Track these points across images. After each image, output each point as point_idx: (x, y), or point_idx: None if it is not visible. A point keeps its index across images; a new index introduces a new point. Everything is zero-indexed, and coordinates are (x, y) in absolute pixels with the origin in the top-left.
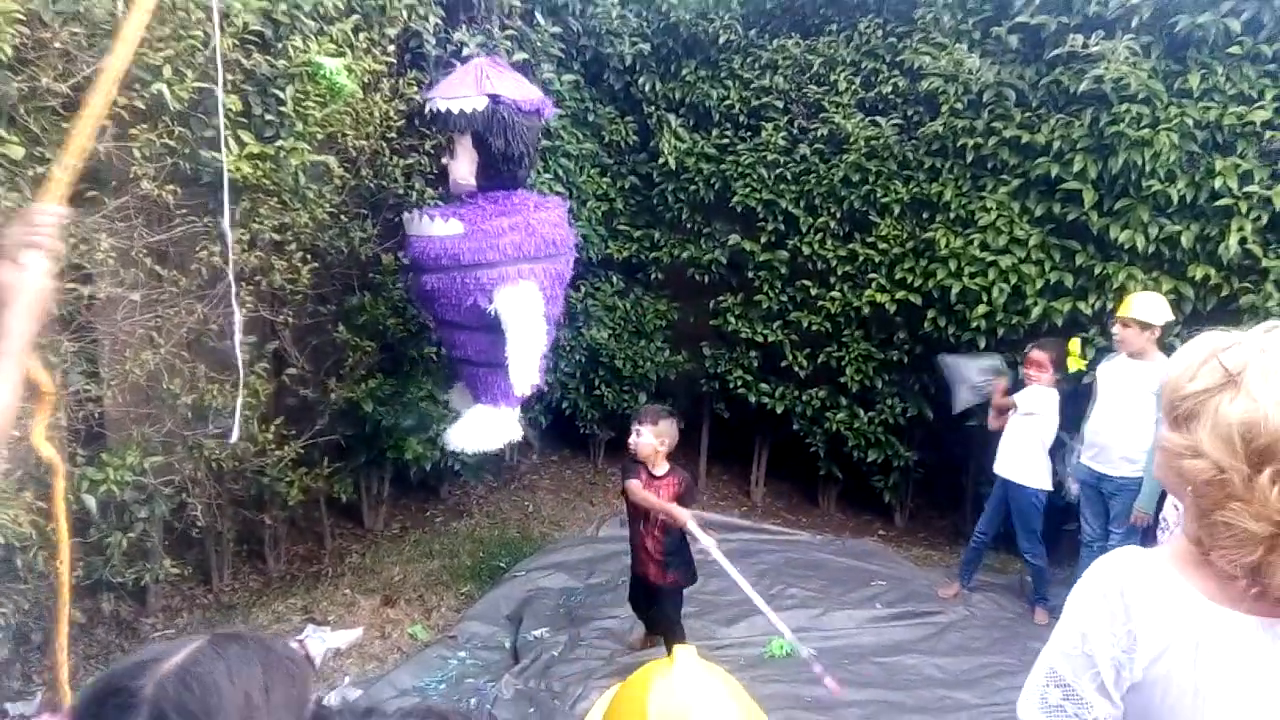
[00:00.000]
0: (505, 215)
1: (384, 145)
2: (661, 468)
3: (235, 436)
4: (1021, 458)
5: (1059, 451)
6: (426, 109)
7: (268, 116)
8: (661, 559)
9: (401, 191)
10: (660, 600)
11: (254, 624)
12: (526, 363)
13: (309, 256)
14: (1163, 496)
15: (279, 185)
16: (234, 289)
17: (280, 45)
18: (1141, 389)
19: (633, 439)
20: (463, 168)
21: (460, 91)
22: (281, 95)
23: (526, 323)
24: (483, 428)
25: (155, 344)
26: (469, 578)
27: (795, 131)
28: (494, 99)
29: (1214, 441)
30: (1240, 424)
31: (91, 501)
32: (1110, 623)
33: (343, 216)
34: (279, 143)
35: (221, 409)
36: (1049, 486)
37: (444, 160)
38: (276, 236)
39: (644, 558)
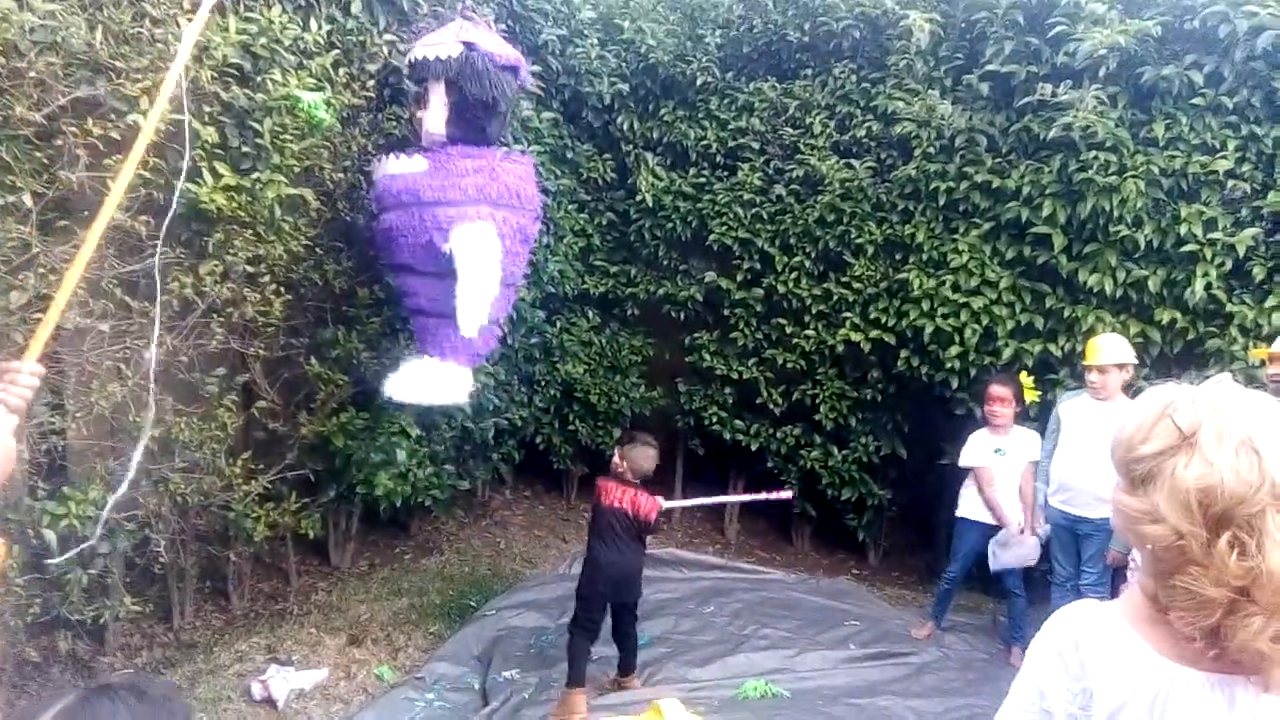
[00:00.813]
0: (471, 159)
1: (361, 179)
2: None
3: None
4: (1011, 499)
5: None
6: (407, 60)
7: (244, 149)
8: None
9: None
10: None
11: (215, 663)
12: (475, 303)
13: (282, 289)
14: None
15: (254, 217)
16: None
17: (259, 79)
18: (1108, 429)
19: (614, 461)
20: (435, 116)
21: (436, 39)
22: (259, 128)
23: (480, 263)
24: (426, 379)
25: (122, 376)
26: (438, 616)
27: (771, 172)
28: (469, 45)
29: (1171, 507)
30: (1197, 489)
31: (52, 536)
32: (1066, 679)
33: (318, 249)
34: (255, 175)
35: (188, 442)
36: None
37: (417, 113)
38: (250, 269)
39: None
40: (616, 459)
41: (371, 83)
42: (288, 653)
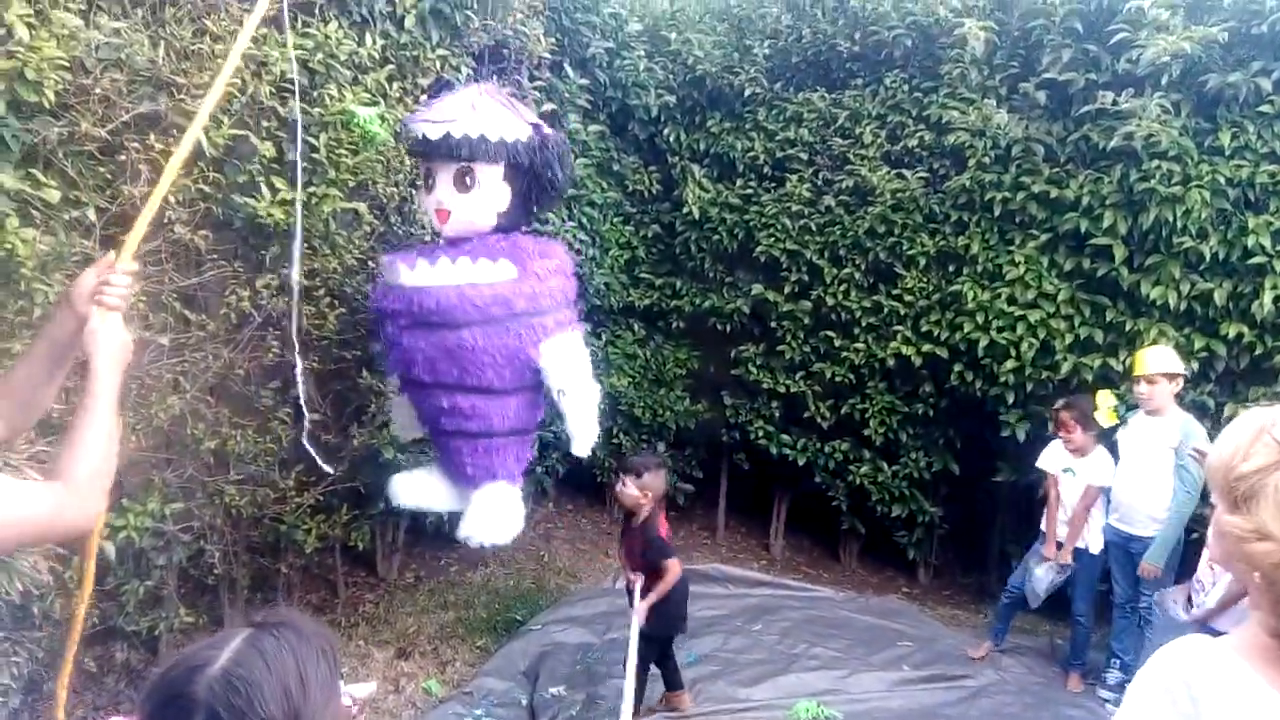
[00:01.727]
0: (544, 257)
1: (412, 192)
2: (644, 514)
3: None
4: (1082, 530)
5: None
6: (429, 133)
7: (301, 163)
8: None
9: (429, 239)
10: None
11: None
12: (588, 417)
13: (336, 302)
14: (1188, 553)
15: (310, 231)
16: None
17: (315, 93)
18: (1159, 445)
19: (618, 488)
20: (482, 206)
21: (477, 118)
22: (315, 142)
23: (580, 372)
24: (503, 510)
25: (180, 388)
26: (484, 630)
27: (820, 183)
28: (537, 127)
29: (1278, 521)
30: None
31: (110, 548)
32: (1174, 716)
33: (370, 263)
34: (311, 189)
35: (243, 455)
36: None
37: (426, 194)
38: (305, 282)
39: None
40: (637, 492)
41: (424, 97)
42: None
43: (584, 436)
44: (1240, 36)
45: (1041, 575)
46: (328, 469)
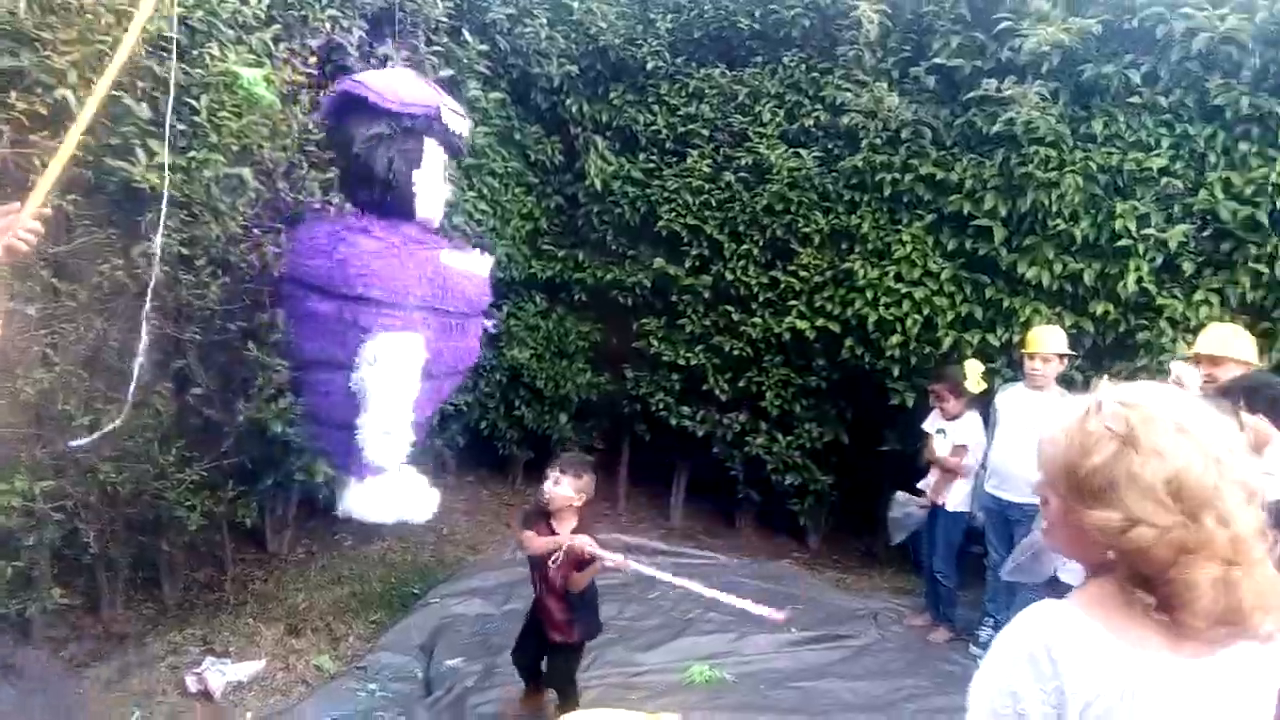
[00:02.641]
0: (423, 248)
1: (302, 158)
2: (568, 525)
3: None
4: (950, 483)
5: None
6: (363, 91)
7: (180, 126)
8: (567, 617)
9: (319, 206)
10: (557, 657)
11: (147, 655)
12: (385, 429)
13: (219, 271)
14: None
15: (189, 197)
16: (147, 306)
17: (196, 53)
18: (1040, 418)
19: (548, 485)
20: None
21: (390, 84)
22: (196, 105)
23: (396, 381)
24: (393, 496)
25: (50, 361)
26: (379, 605)
27: (720, 159)
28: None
29: (1144, 506)
30: (1163, 481)
31: None
32: (1039, 680)
33: (256, 230)
34: (191, 153)
35: (118, 430)
36: (968, 509)
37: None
38: (185, 250)
39: (544, 618)
40: (573, 492)
41: (313, 59)
42: (224, 644)
43: (376, 445)
44: (1113, 30)
45: (901, 501)
46: None
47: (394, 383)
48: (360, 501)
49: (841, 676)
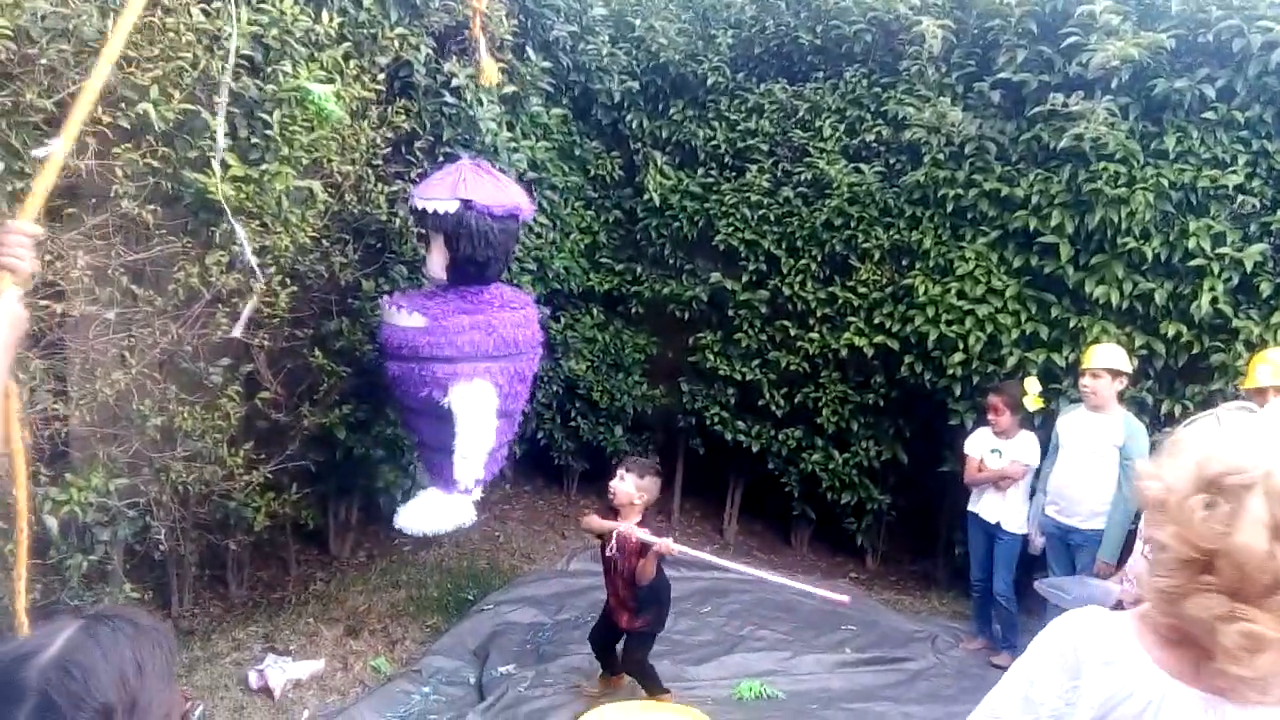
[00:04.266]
0: (467, 314)
1: (369, 171)
2: (632, 519)
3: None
4: (1005, 502)
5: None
6: (409, 204)
7: (253, 140)
8: (633, 605)
9: (385, 218)
10: (628, 643)
11: (213, 651)
12: (472, 458)
13: (288, 280)
14: (1126, 548)
15: (262, 208)
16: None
17: (270, 70)
18: (1103, 441)
19: (614, 481)
20: (435, 263)
21: (436, 193)
22: (269, 119)
23: (477, 420)
24: (433, 510)
25: (127, 364)
26: (435, 609)
27: (779, 174)
28: (465, 204)
29: (1173, 465)
30: (1201, 450)
31: (53, 523)
32: (1058, 675)
33: (324, 241)
34: (264, 166)
35: (190, 432)
36: (1027, 531)
37: (422, 251)
38: (256, 260)
39: (614, 604)
40: (633, 489)
41: (381, 75)
42: (285, 642)
43: (464, 470)
44: (1187, 44)
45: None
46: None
47: (474, 423)
48: (411, 516)
49: (895, 700)
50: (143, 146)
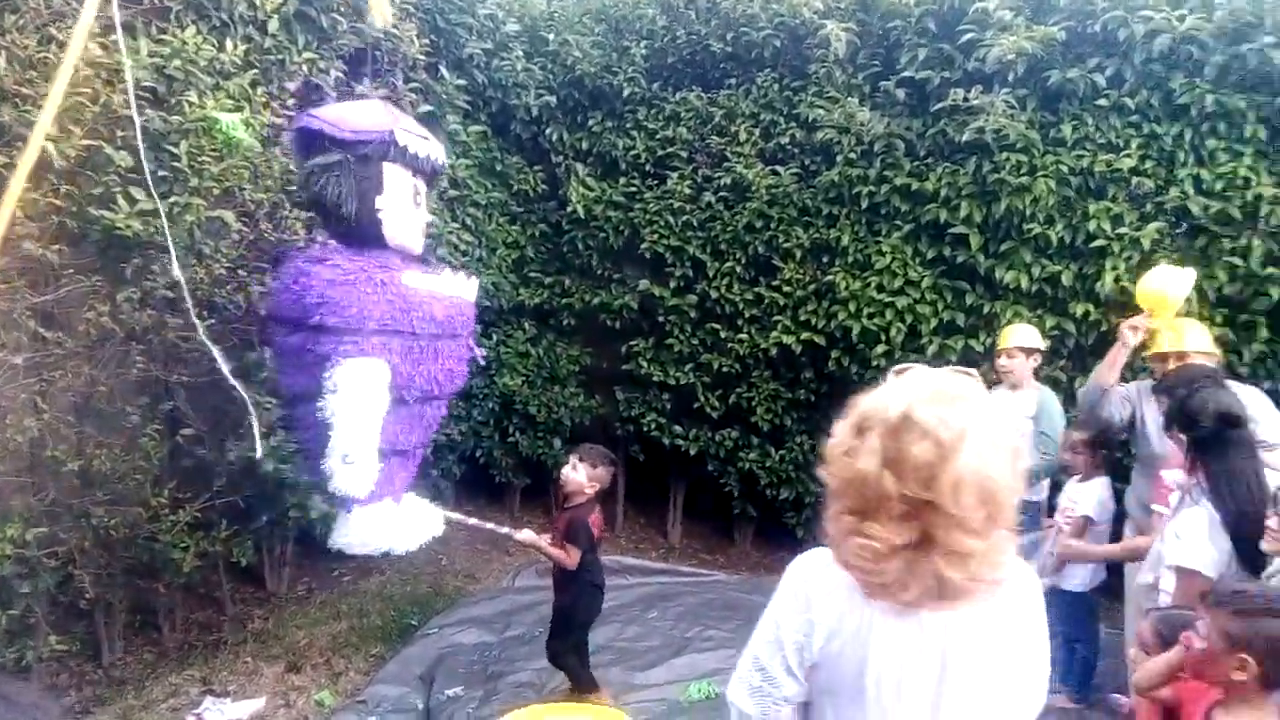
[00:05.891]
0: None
1: (284, 198)
2: (576, 501)
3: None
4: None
5: None
6: (342, 129)
7: (160, 172)
8: (561, 581)
9: (303, 244)
10: (550, 628)
11: (148, 698)
12: (350, 451)
13: (205, 313)
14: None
15: (174, 241)
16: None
17: (174, 101)
18: (1018, 416)
19: (566, 470)
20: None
21: (373, 119)
22: (175, 151)
23: (359, 407)
24: (370, 522)
25: (39, 409)
26: (379, 638)
27: (700, 180)
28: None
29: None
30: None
31: None
32: (795, 613)
33: (240, 271)
34: (172, 199)
35: (110, 474)
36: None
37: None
38: (170, 294)
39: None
40: (584, 478)
41: (292, 100)
42: (223, 683)
43: (344, 474)
44: (1077, 35)
45: None
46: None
47: (355, 409)
48: (344, 534)
49: None
50: (43, 186)
